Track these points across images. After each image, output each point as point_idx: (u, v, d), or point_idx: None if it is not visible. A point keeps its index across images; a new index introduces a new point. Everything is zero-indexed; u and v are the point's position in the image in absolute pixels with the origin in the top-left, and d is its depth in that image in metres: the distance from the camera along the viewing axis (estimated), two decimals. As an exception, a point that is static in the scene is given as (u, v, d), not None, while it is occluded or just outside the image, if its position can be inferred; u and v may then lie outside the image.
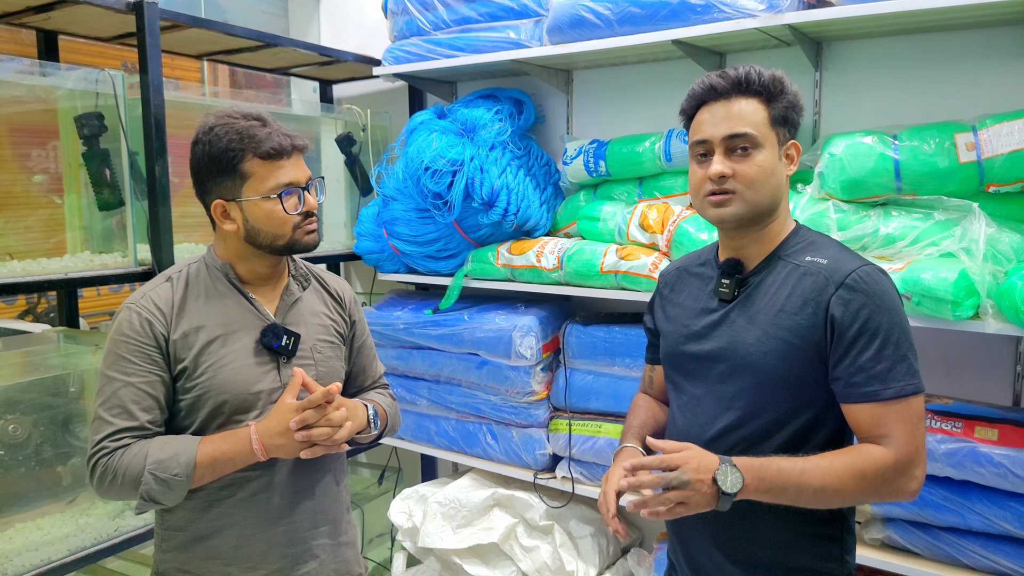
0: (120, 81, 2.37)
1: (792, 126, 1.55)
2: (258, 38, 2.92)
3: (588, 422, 2.71)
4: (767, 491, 1.43)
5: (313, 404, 1.60)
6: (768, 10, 2.27)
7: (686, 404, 1.66)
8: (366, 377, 1.99)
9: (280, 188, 1.64)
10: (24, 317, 4.01)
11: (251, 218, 1.65)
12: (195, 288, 1.69)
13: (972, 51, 2.27)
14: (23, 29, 2.73)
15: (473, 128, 2.85)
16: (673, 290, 1.76)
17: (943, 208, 2.10)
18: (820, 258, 1.52)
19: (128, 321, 1.61)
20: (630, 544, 2.99)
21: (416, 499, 2.99)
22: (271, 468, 1.68)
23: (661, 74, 2.84)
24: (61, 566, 2.20)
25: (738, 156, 1.51)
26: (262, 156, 1.62)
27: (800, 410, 1.51)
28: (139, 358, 1.59)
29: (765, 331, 1.51)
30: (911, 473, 1.43)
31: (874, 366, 1.43)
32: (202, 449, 1.58)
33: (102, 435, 1.57)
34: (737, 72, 1.52)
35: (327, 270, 1.94)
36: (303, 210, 1.67)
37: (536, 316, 2.78)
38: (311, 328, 1.78)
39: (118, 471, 1.55)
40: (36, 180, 2.40)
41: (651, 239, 2.53)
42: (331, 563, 1.79)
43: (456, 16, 2.95)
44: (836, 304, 1.45)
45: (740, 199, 1.51)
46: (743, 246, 1.60)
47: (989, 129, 2.02)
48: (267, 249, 1.68)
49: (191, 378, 1.62)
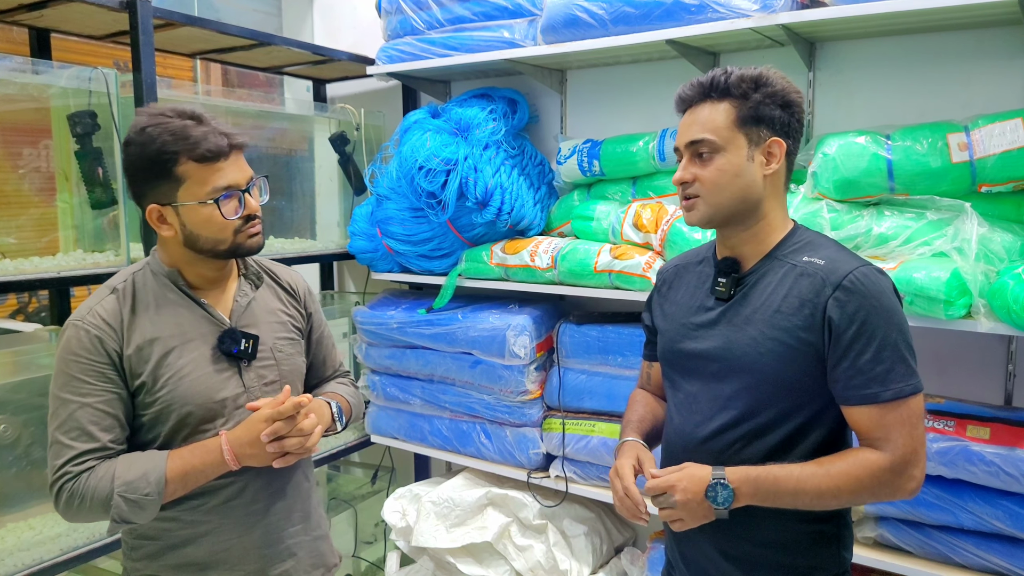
0: (113, 79, 2.36)
1: (771, 123, 1.53)
2: (252, 37, 2.91)
3: (582, 421, 2.71)
4: (763, 500, 1.46)
5: (283, 416, 1.56)
6: (762, 10, 2.27)
7: (682, 402, 1.66)
8: (326, 368, 1.95)
9: (218, 192, 1.56)
10: (15, 316, 4.00)
11: (188, 223, 1.57)
12: (143, 298, 1.61)
13: (964, 52, 2.28)
14: (15, 27, 2.72)
15: (467, 127, 2.85)
16: (671, 288, 1.76)
17: (936, 208, 2.11)
18: (817, 258, 1.51)
19: (77, 339, 1.54)
20: (624, 543, 3.00)
21: (410, 498, 2.99)
22: (243, 475, 1.65)
23: (655, 74, 2.85)
24: (53, 566, 2.20)
25: (701, 161, 1.54)
26: (197, 159, 1.53)
27: (796, 410, 1.52)
28: (93, 377, 1.53)
29: (761, 331, 1.52)
30: (909, 473, 1.44)
31: (872, 368, 1.43)
32: (171, 465, 1.53)
33: (63, 460, 1.51)
34: (705, 77, 1.55)
35: (277, 263, 1.90)
36: (244, 213, 1.60)
37: (530, 315, 2.78)
38: (269, 327, 1.73)
39: (85, 495, 1.49)
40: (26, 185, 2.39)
41: (645, 238, 2.53)
42: (307, 558, 1.78)
43: (450, 15, 2.95)
44: (833, 306, 1.45)
45: (703, 203, 1.54)
46: (736, 245, 1.60)
47: (981, 129, 2.03)
48: (209, 254, 1.62)
49: (151, 392, 1.57)
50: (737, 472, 1.47)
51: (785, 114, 1.53)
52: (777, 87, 1.53)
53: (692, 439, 1.60)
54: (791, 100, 1.54)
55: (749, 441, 1.54)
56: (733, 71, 1.53)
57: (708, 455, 1.56)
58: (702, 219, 1.56)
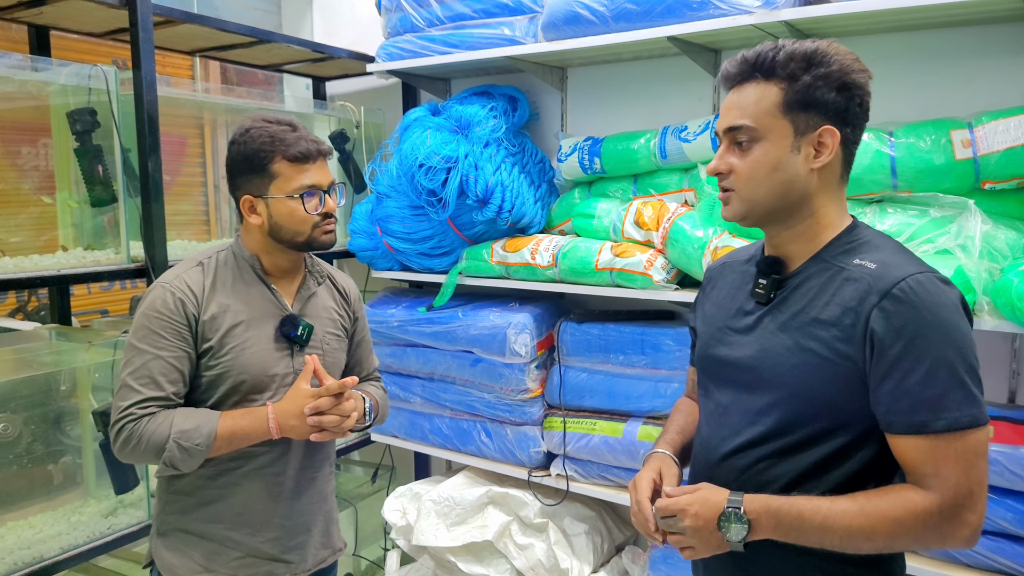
0: (113, 77, 2.36)
1: (823, 108, 1.33)
2: (251, 34, 2.90)
3: (583, 420, 2.71)
4: (783, 534, 1.30)
5: (330, 393, 1.74)
6: (764, 7, 2.26)
7: (712, 413, 1.51)
8: (362, 369, 2.10)
9: (303, 189, 1.77)
10: (15, 315, 3.99)
11: (275, 215, 1.78)
12: (223, 275, 1.81)
13: (968, 48, 2.28)
14: (14, 24, 2.71)
15: (467, 125, 2.84)
16: (715, 287, 1.61)
17: (939, 205, 2.10)
18: (869, 262, 1.32)
19: (162, 299, 1.73)
20: (625, 541, 2.99)
21: (410, 497, 2.98)
22: (280, 446, 1.82)
23: (656, 71, 2.84)
24: (54, 564, 2.20)
25: (739, 150, 1.38)
26: (290, 159, 1.75)
27: (834, 431, 1.33)
28: (170, 334, 1.71)
29: (796, 341, 1.35)
30: (961, 519, 1.24)
31: (922, 391, 1.24)
32: (222, 423, 1.71)
33: (130, 402, 1.68)
34: (752, 52, 1.36)
35: (336, 269, 2.08)
36: (323, 211, 1.80)
37: (530, 313, 2.78)
38: (322, 321, 1.92)
39: (143, 436, 1.66)
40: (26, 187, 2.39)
41: (646, 236, 2.53)
42: (320, 537, 1.95)
43: (450, 12, 2.94)
44: (878, 317, 1.26)
45: (737, 198, 1.40)
46: (781, 244, 1.44)
47: (985, 126, 2.02)
48: (287, 244, 1.81)
49: (215, 356, 1.75)
50: (756, 501, 1.31)
51: (842, 98, 1.33)
52: (833, 67, 1.32)
53: (716, 453, 1.45)
54: (850, 82, 1.33)
55: (776, 461, 1.37)
56: (784, 46, 1.34)
57: (731, 472, 1.42)
58: (736, 215, 1.41)
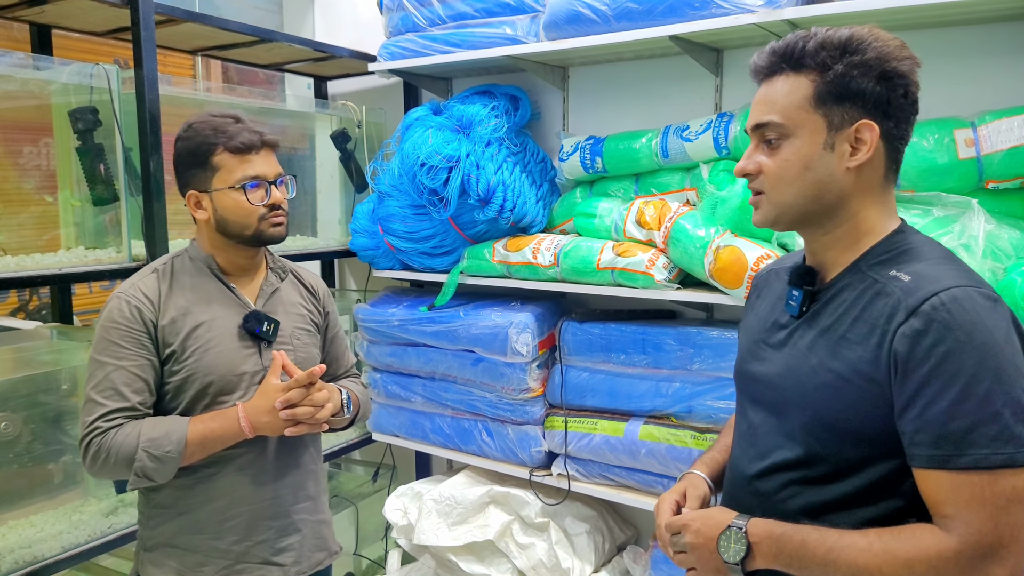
0: (115, 75, 2.35)
1: (861, 100, 1.21)
2: (253, 33, 2.90)
3: (584, 419, 2.71)
4: (786, 564, 1.21)
5: (299, 384, 1.72)
6: (766, 5, 2.26)
7: (744, 432, 1.41)
8: (339, 366, 2.10)
9: (246, 180, 1.75)
10: (16, 314, 4.00)
11: (220, 208, 1.76)
12: (180, 278, 1.80)
13: (971, 47, 2.27)
14: (16, 23, 2.71)
15: (469, 124, 2.84)
16: (760, 296, 1.50)
17: (942, 204, 2.09)
18: (904, 273, 1.19)
19: (118, 309, 1.71)
20: (626, 541, 2.99)
21: (411, 496, 2.98)
22: (257, 445, 1.79)
23: (658, 70, 2.84)
24: (55, 563, 2.19)
25: (769, 149, 1.27)
26: (231, 150, 1.74)
27: (868, 462, 1.21)
28: (129, 343, 1.69)
29: (821, 361, 1.24)
30: (984, 571, 1.09)
31: (947, 422, 1.10)
32: (192, 428, 1.68)
33: (95, 416, 1.66)
34: (781, 43, 1.27)
35: (306, 267, 2.09)
36: (269, 202, 1.77)
37: (532, 313, 2.77)
38: (290, 316, 1.90)
39: (111, 449, 1.64)
40: (27, 186, 2.39)
41: (648, 236, 2.53)
42: (312, 538, 1.91)
43: (452, 12, 2.94)
44: (902, 337, 1.14)
45: (767, 201, 1.29)
46: (818, 250, 1.32)
47: (988, 125, 2.02)
48: (237, 240, 1.79)
49: (179, 361, 1.72)
50: (760, 525, 1.22)
51: (882, 88, 1.20)
52: (870, 54, 1.20)
53: (742, 475, 1.37)
54: (891, 70, 1.20)
55: (802, 489, 1.27)
56: (816, 34, 1.23)
57: (754, 496, 1.33)
58: (766, 220, 1.30)
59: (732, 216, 2.33)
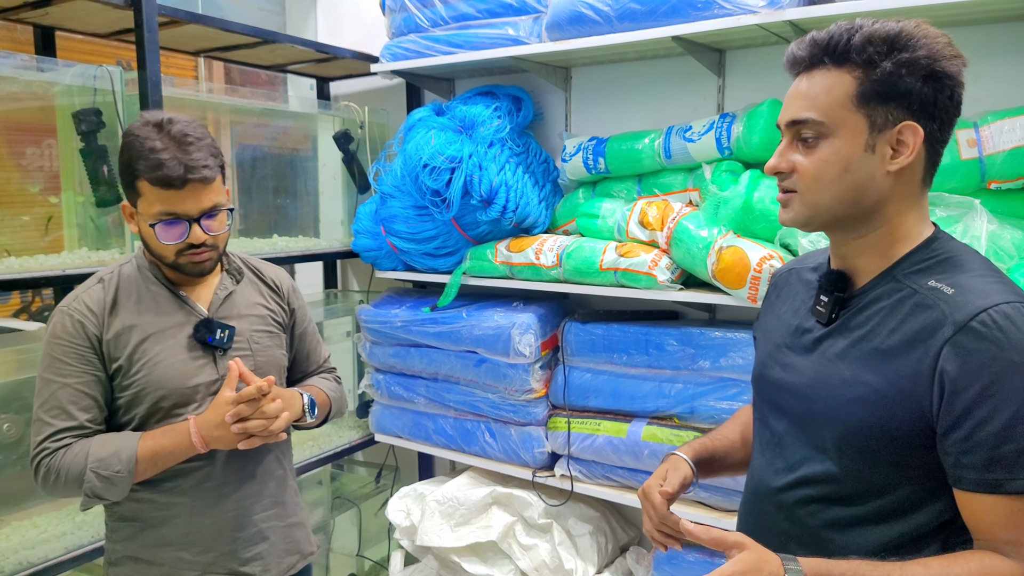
0: (118, 77, 2.36)
1: (906, 100, 1.15)
2: (255, 34, 2.90)
3: (587, 420, 2.70)
4: None
5: (246, 398, 1.63)
6: (769, 6, 2.26)
7: (767, 442, 1.36)
8: (310, 363, 2.04)
9: (161, 217, 1.62)
10: (18, 316, 3.99)
11: (142, 232, 1.68)
12: (127, 288, 1.72)
13: (973, 47, 2.25)
14: (20, 25, 2.71)
15: (471, 125, 2.84)
16: (779, 296, 1.45)
17: (944, 205, 2.09)
18: (946, 285, 1.14)
19: (61, 324, 1.65)
20: (629, 542, 2.99)
21: (414, 497, 2.98)
22: (212, 457, 1.73)
23: (661, 71, 2.84)
24: (58, 564, 2.19)
25: (804, 147, 1.21)
26: (151, 181, 1.60)
27: (899, 483, 1.17)
28: (74, 359, 1.63)
29: (855, 373, 1.19)
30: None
31: (998, 445, 1.06)
32: (142, 444, 1.62)
33: (43, 436, 1.61)
34: (823, 34, 1.20)
35: (263, 260, 1.99)
36: (187, 241, 1.65)
37: (535, 313, 2.77)
38: (248, 320, 1.82)
39: (60, 470, 1.59)
40: (34, 189, 2.39)
41: (651, 236, 2.52)
42: (281, 543, 1.86)
43: (454, 13, 2.94)
44: (950, 354, 1.09)
45: (799, 201, 1.22)
46: (847, 255, 1.27)
47: (991, 125, 2.01)
48: (159, 262, 1.72)
49: (127, 376, 1.66)
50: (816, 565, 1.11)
51: (929, 89, 1.14)
52: (920, 51, 1.13)
53: (766, 487, 1.32)
54: (940, 70, 1.14)
55: (829, 505, 1.23)
56: (862, 27, 1.16)
57: (779, 509, 1.29)
58: (797, 221, 1.24)
59: (735, 217, 2.33)
